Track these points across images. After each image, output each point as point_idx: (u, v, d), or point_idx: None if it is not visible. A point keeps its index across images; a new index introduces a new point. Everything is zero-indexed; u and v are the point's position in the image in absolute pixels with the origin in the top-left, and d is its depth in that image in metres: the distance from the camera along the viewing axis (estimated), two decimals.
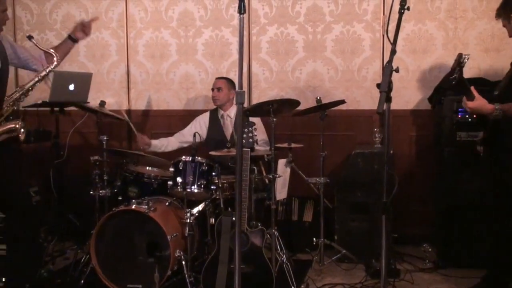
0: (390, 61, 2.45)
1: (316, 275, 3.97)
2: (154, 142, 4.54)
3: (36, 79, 3.29)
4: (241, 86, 2.18)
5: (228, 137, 4.47)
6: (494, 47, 4.56)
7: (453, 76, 2.90)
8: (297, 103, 4.00)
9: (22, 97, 3.28)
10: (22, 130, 3.12)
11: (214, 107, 4.67)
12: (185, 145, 4.55)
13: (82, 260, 3.89)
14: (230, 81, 4.58)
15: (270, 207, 3.78)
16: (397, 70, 2.45)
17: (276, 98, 4.75)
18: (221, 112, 4.59)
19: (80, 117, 4.94)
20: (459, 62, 2.85)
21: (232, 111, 4.54)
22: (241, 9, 2.20)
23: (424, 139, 4.71)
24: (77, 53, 5.36)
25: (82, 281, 3.68)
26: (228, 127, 4.54)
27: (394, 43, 2.49)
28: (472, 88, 3.06)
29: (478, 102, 3.05)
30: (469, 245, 4.01)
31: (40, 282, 3.66)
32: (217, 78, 4.63)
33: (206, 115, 4.67)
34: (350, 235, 4.27)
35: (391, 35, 2.59)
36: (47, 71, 3.33)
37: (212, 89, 4.55)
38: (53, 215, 4.71)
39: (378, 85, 2.39)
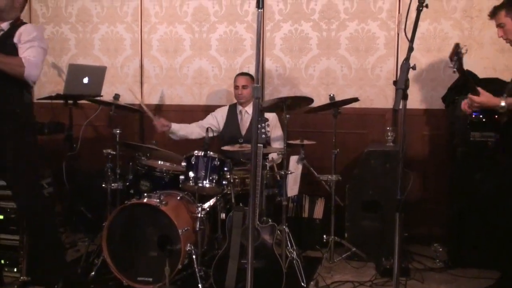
0: (407, 58, 2.44)
1: (325, 272, 3.97)
2: (175, 125, 4.52)
3: None
4: (257, 81, 2.19)
5: (243, 133, 4.48)
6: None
7: (451, 65, 2.90)
8: (311, 100, 4.00)
9: None
10: None
11: (230, 102, 4.67)
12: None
13: (93, 252, 3.92)
14: (252, 77, 4.56)
15: (281, 203, 3.78)
16: (414, 68, 2.44)
17: (289, 95, 4.75)
18: (239, 107, 4.60)
19: (93, 110, 4.97)
20: (457, 52, 2.84)
21: (250, 108, 4.54)
22: (259, 4, 2.19)
23: (437, 138, 4.68)
24: (92, 46, 5.40)
25: (93, 273, 3.71)
26: (245, 123, 4.54)
27: (411, 41, 2.48)
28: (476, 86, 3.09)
29: (485, 96, 3.06)
30: (480, 246, 3.98)
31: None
32: (240, 75, 4.59)
33: (225, 109, 4.67)
34: (361, 233, 4.26)
35: (407, 32, 2.59)
36: None
37: (237, 87, 4.52)
38: (65, 207, 4.75)
39: (395, 82, 2.39)
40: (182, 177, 3.79)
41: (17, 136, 3.27)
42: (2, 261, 3.73)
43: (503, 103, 3.01)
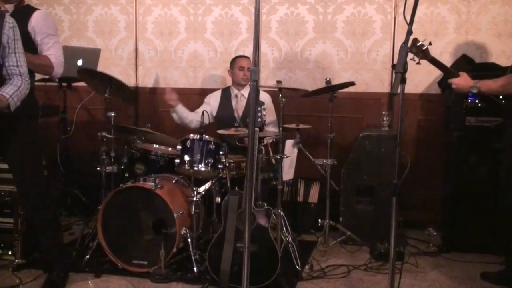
0: (406, 41, 2.42)
1: (320, 256, 3.98)
2: (181, 107, 4.43)
3: None
4: (255, 64, 2.17)
5: (239, 116, 4.45)
6: (507, 32, 4.50)
7: (412, 58, 2.85)
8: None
9: None
10: None
11: (224, 86, 4.64)
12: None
13: (88, 235, 3.92)
14: None
15: (276, 187, 3.78)
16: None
17: (284, 79, 4.74)
18: (235, 91, 4.57)
19: (87, 93, 4.93)
20: (417, 46, 2.79)
21: (246, 91, 4.52)
22: None
23: (432, 123, 4.68)
24: (86, 28, 5.34)
25: (88, 256, 3.69)
26: (241, 107, 4.52)
27: (410, 24, 2.45)
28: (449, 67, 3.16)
29: (460, 79, 3.10)
30: (474, 230, 4.01)
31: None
32: (243, 57, 4.55)
33: (218, 94, 4.62)
34: (355, 217, 4.28)
35: (406, 15, 2.57)
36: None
37: (241, 68, 4.47)
38: (59, 191, 4.73)
39: (394, 66, 2.37)
40: (177, 160, 3.77)
41: (24, 121, 3.20)
42: None
43: (473, 84, 3.07)
